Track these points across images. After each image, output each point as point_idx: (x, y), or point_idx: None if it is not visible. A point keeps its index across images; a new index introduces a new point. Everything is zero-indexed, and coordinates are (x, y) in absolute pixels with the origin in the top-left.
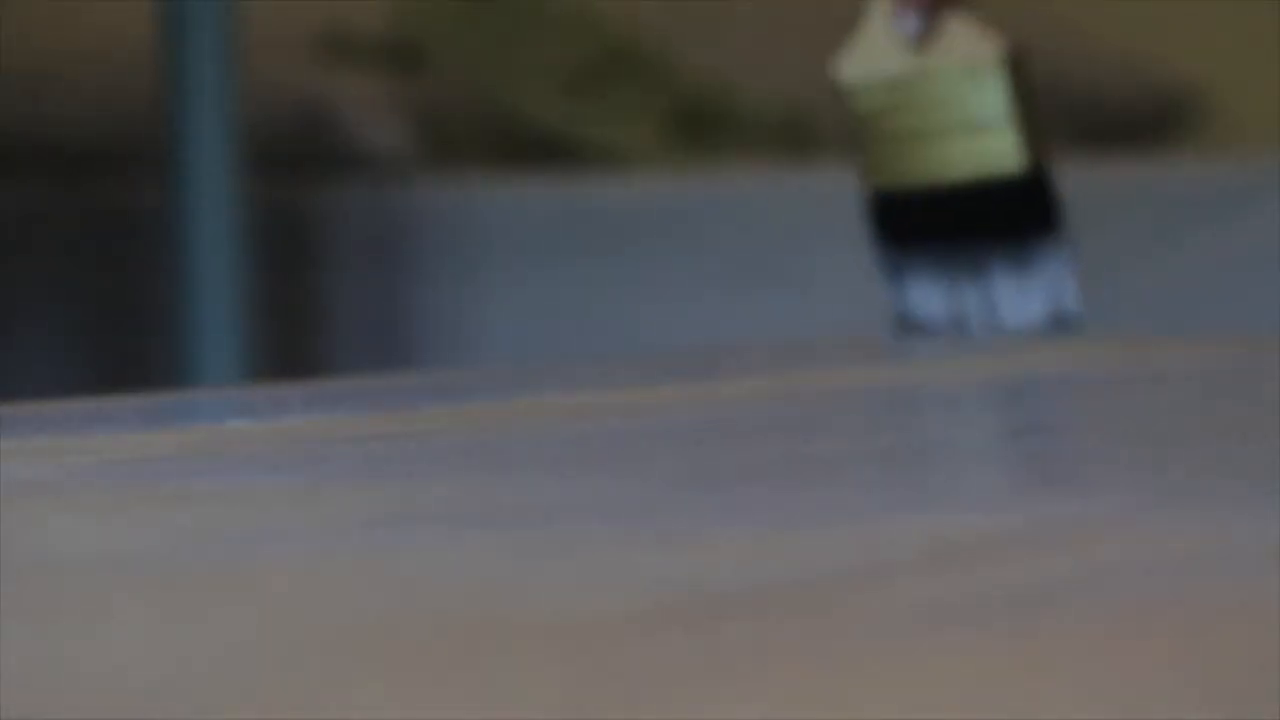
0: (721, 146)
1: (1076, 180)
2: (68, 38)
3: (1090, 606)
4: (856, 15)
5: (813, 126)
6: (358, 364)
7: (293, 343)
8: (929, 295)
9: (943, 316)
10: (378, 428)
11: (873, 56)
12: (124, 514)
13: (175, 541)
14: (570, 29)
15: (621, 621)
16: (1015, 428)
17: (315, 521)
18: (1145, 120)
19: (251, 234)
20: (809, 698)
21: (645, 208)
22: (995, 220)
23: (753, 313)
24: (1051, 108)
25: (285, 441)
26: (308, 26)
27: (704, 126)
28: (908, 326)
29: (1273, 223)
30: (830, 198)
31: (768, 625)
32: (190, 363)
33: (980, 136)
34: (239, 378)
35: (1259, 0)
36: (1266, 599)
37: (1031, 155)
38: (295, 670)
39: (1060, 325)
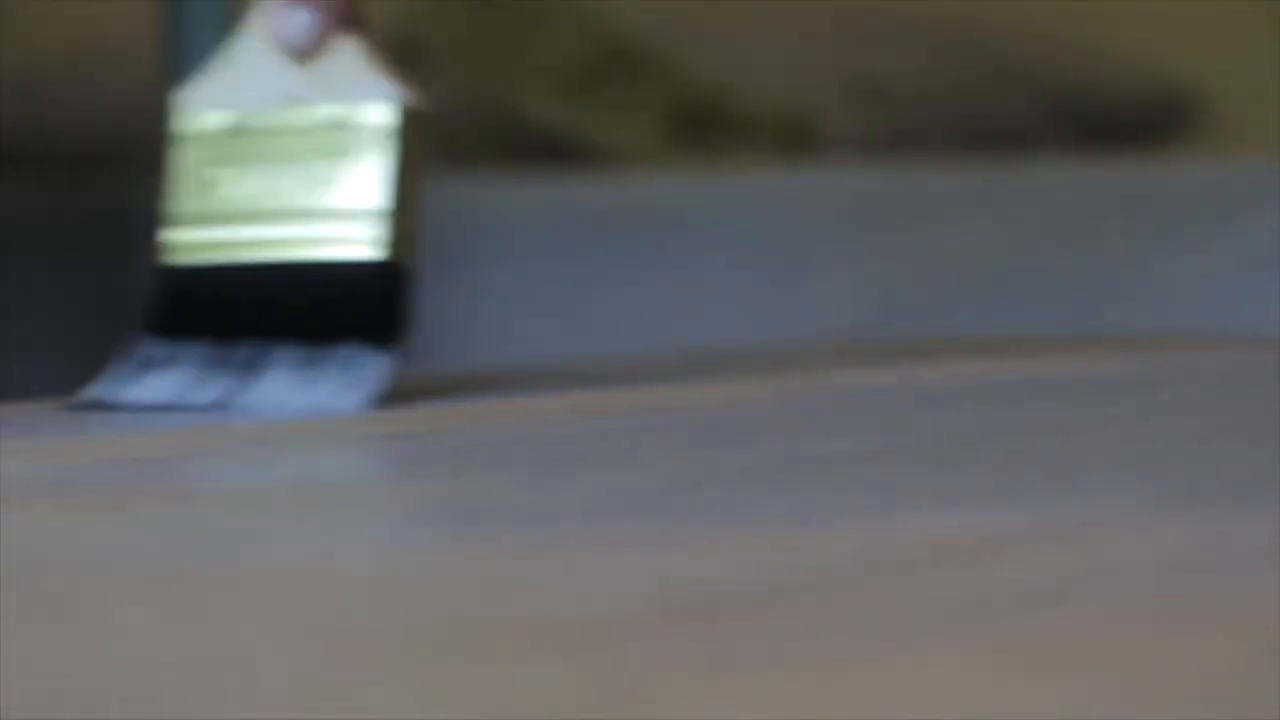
0: (721, 146)
1: (1077, 180)
2: (67, 38)
3: (1090, 606)
4: (856, 15)
5: (813, 126)
6: None
7: None
8: (160, 387)
9: (156, 402)
10: (378, 428)
11: (223, 87)
12: (124, 514)
13: (175, 541)
14: (570, 29)
15: (621, 621)
16: (1016, 428)
17: (315, 521)
18: (1145, 120)
19: None
20: (809, 697)
21: (645, 208)
22: (314, 308)
23: (752, 313)
24: (1052, 108)
25: (285, 441)
26: None
27: (704, 126)
28: (90, 407)
29: (1273, 223)
30: (830, 198)
31: (768, 625)
32: None
33: (339, 212)
34: None
35: (1259, 0)
36: (1266, 599)
37: (393, 249)
38: (295, 670)
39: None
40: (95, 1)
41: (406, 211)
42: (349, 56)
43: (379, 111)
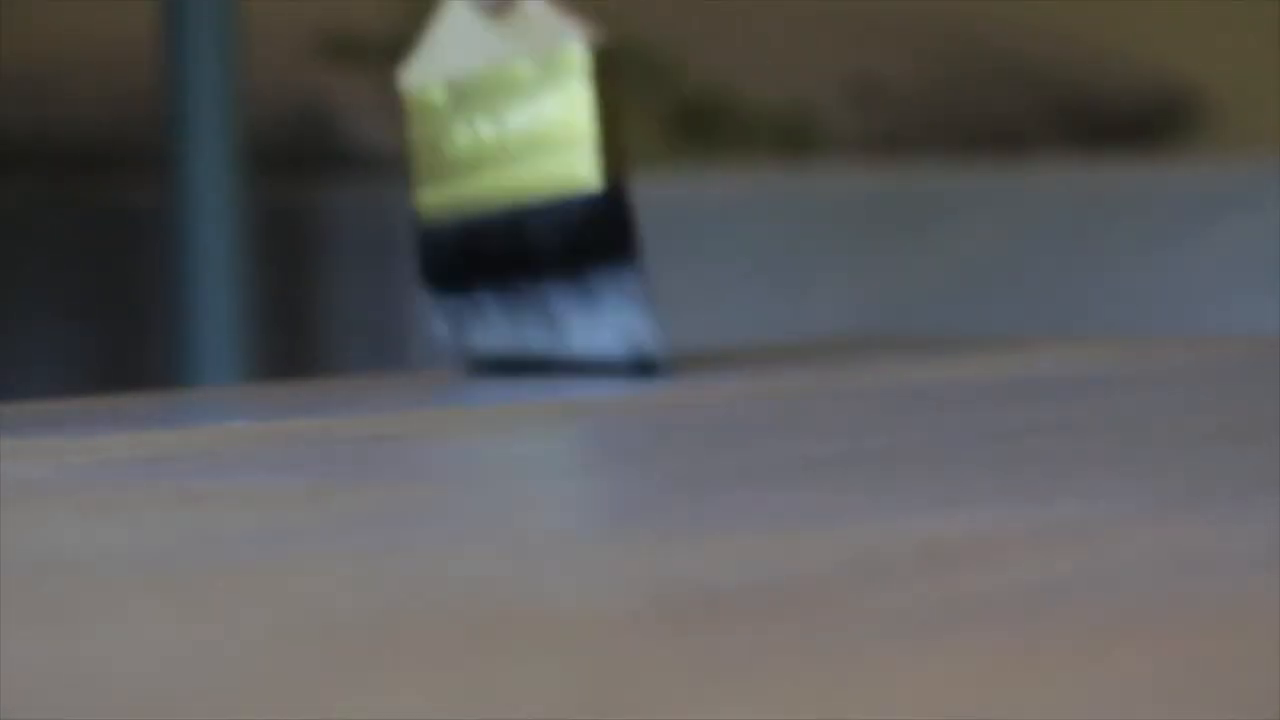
0: (722, 146)
1: (1077, 180)
2: (68, 38)
3: (1090, 606)
4: (856, 15)
5: (813, 126)
6: (358, 364)
7: (292, 343)
8: (491, 332)
9: (510, 353)
10: (377, 428)
11: (437, 59)
12: (124, 514)
13: (175, 541)
14: None
15: (621, 621)
16: (1016, 428)
17: (315, 521)
18: (1145, 120)
19: (251, 234)
20: (809, 697)
21: (645, 208)
22: (558, 245)
23: (752, 312)
24: (1052, 108)
25: (285, 441)
26: (308, 26)
27: (704, 126)
28: (477, 364)
29: (1273, 223)
30: (830, 198)
31: (767, 625)
32: (190, 363)
33: (552, 149)
34: (239, 378)
35: (1259, 1)
36: (1266, 599)
37: (608, 173)
38: (295, 670)
39: (641, 367)
40: (96, 2)
41: (613, 137)
42: (538, 9)
43: (573, 52)
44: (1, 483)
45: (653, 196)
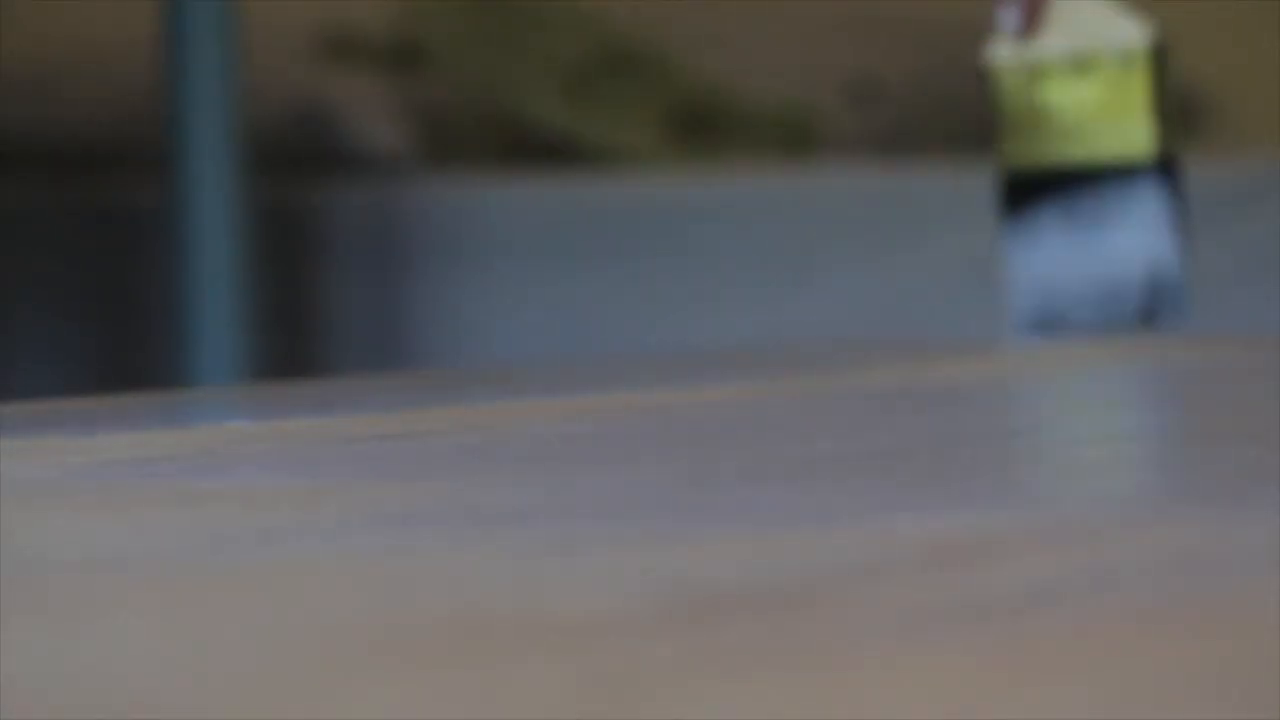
0: (721, 146)
1: None
2: (68, 39)
3: (1090, 606)
4: (857, 15)
5: (813, 126)
6: (358, 364)
7: (292, 342)
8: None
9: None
10: (378, 428)
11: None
12: (124, 514)
13: (175, 541)
14: (570, 29)
15: (621, 621)
16: (1015, 428)
17: (315, 521)
18: None
19: (251, 234)
20: (809, 697)
21: (645, 208)
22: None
23: (752, 313)
24: None
25: (285, 441)
26: (308, 26)
27: (704, 126)
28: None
29: (1273, 223)
30: (830, 198)
31: (767, 625)
32: (190, 363)
33: (1106, 128)
34: (239, 378)
35: (1260, 2)
36: (1266, 599)
37: (1163, 147)
38: (295, 670)
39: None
40: (96, 2)
41: (1162, 118)
42: (1096, 7)
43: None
44: (1, 483)
45: (652, 196)
